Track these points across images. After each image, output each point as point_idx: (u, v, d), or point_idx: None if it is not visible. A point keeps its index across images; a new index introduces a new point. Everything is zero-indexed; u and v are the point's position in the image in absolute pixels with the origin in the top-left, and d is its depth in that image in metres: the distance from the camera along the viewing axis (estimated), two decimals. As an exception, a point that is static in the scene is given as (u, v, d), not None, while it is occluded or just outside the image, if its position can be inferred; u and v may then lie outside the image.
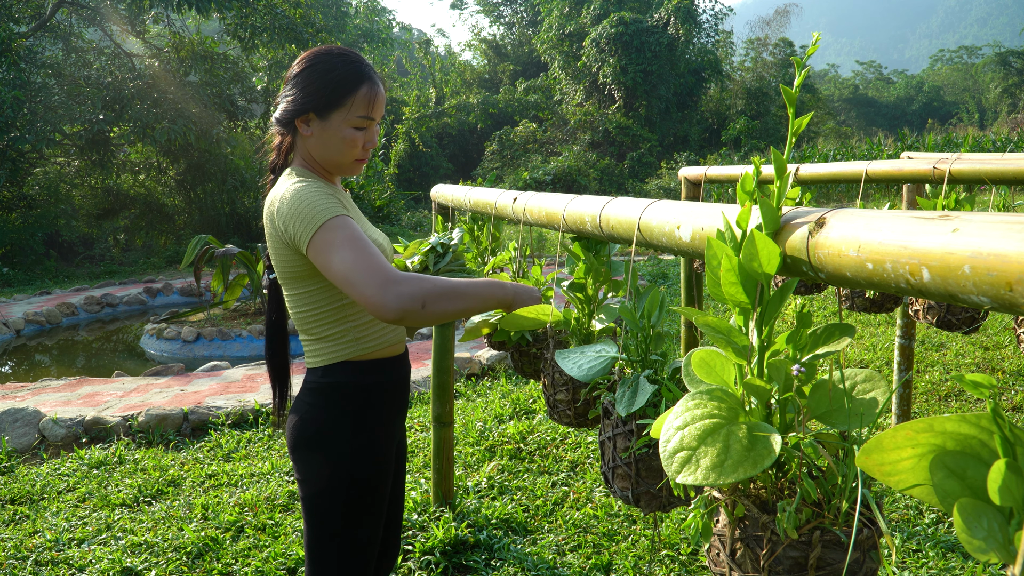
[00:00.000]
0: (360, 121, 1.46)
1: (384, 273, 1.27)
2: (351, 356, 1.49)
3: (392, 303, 1.25)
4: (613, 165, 20.88)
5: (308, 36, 12.80)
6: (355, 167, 1.52)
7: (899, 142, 16.03)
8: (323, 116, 1.45)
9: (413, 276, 1.29)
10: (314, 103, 1.44)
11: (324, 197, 1.38)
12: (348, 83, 1.44)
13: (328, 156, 1.48)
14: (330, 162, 1.49)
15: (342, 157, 1.48)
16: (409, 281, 1.27)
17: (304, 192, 1.38)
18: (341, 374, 1.49)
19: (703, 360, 0.89)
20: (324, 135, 1.46)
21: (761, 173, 0.91)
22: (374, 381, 1.52)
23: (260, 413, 4.23)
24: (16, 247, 12.00)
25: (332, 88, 1.43)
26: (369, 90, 1.46)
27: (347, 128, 1.45)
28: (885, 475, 0.63)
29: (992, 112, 34.63)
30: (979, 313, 2.16)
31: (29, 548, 2.78)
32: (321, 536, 1.49)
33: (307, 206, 1.35)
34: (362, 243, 1.31)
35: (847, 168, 2.68)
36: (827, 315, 6.25)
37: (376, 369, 1.53)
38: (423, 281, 1.29)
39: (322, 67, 1.44)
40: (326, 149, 1.47)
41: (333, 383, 1.49)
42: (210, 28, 18.56)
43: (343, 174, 1.55)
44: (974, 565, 2.45)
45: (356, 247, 1.30)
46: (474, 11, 33.10)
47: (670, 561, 2.55)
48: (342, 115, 1.44)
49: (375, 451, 1.52)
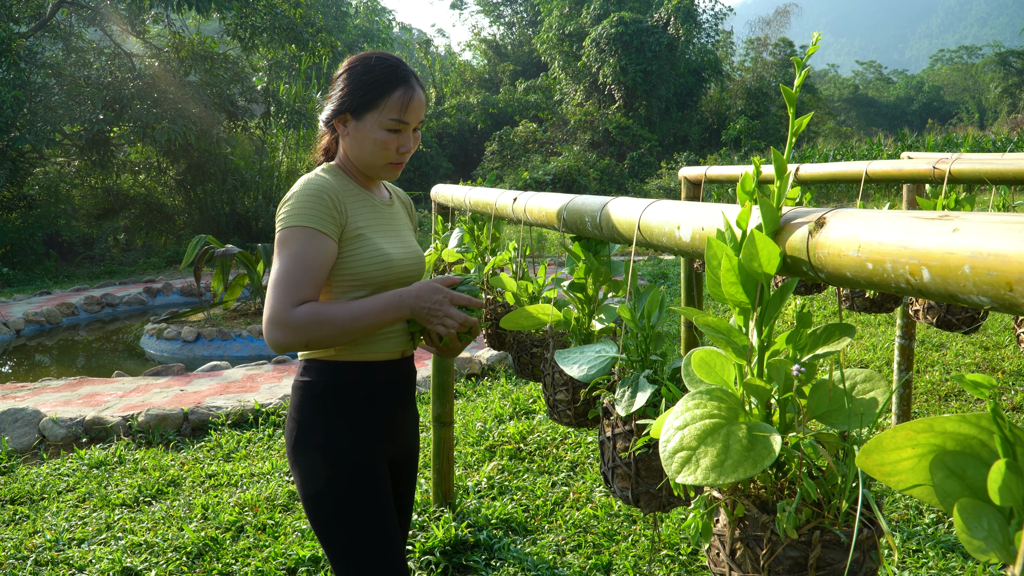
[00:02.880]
0: (392, 124, 1.47)
1: (281, 306, 1.33)
2: (328, 354, 1.50)
3: (274, 340, 1.34)
4: (613, 165, 20.87)
5: (308, 36, 12.80)
6: (389, 170, 1.53)
7: (899, 142, 16.03)
8: (358, 117, 1.48)
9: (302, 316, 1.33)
10: (349, 104, 1.48)
11: (313, 205, 1.41)
12: (382, 86, 1.46)
13: (361, 157, 1.51)
14: (363, 163, 1.52)
15: (374, 159, 1.50)
16: (293, 326, 1.33)
17: (304, 193, 1.43)
18: (316, 372, 1.50)
19: (703, 360, 0.89)
20: (358, 136, 1.49)
21: (761, 173, 0.91)
22: (348, 382, 1.50)
23: (260, 413, 4.22)
24: (16, 247, 12.00)
25: (366, 90, 1.46)
26: (404, 94, 1.47)
27: (379, 130, 1.47)
28: (885, 475, 0.63)
29: (992, 112, 34.62)
30: (979, 313, 2.16)
31: (29, 548, 2.78)
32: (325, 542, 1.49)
33: (294, 205, 1.42)
34: (297, 264, 1.36)
35: (847, 168, 2.68)
36: (827, 315, 6.25)
37: (354, 371, 1.50)
38: (309, 322, 1.34)
39: (360, 69, 1.49)
40: (360, 150, 1.50)
41: (309, 382, 1.50)
42: (210, 28, 18.56)
43: (378, 176, 1.56)
44: (974, 565, 2.45)
45: (289, 263, 1.37)
46: (474, 11, 33.12)
47: (670, 561, 2.55)
48: (375, 117, 1.47)
49: (354, 454, 1.49)
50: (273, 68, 14.31)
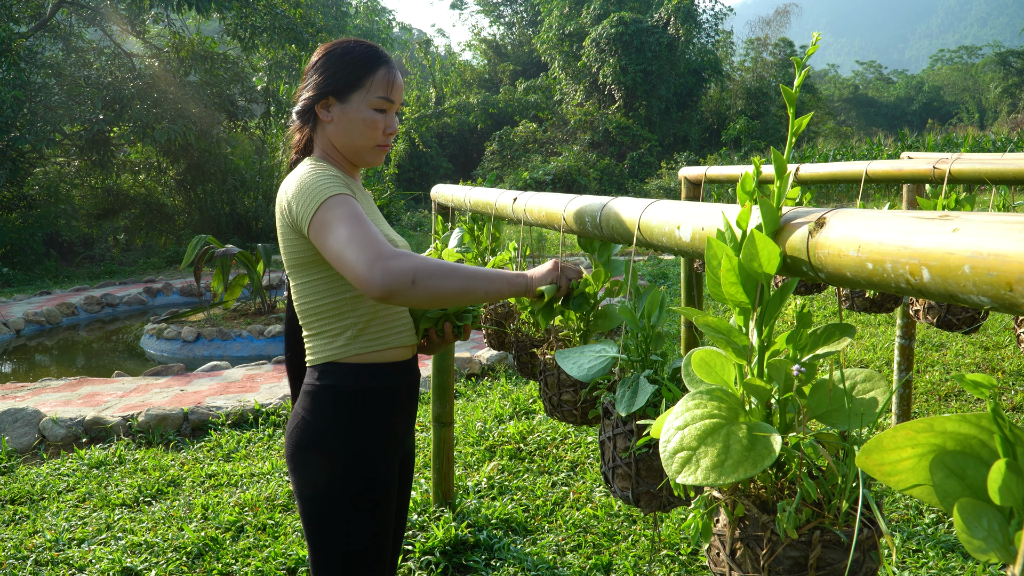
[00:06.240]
0: (380, 103, 1.45)
1: (375, 248, 1.23)
2: (348, 356, 1.44)
3: (379, 278, 1.21)
4: (613, 165, 20.87)
5: (308, 36, 12.79)
6: (376, 153, 1.50)
7: (899, 142, 16.03)
8: (343, 99, 1.45)
9: (408, 253, 1.26)
10: (333, 86, 1.44)
11: (330, 179, 1.36)
12: (367, 64, 1.45)
13: (349, 141, 1.47)
14: (351, 148, 1.48)
15: (364, 140, 1.47)
16: (400, 257, 1.23)
17: (311, 174, 1.38)
18: (337, 376, 1.44)
19: (703, 360, 0.89)
20: (344, 118, 1.45)
21: (761, 173, 0.91)
22: (371, 386, 1.45)
23: (260, 413, 4.23)
24: (16, 247, 12.00)
25: (351, 69, 1.44)
26: (387, 72, 1.46)
27: (367, 109, 1.45)
28: (885, 475, 0.63)
29: (992, 112, 34.62)
30: (979, 313, 2.15)
31: (29, 548, 2.78)
32: (320, 548, 1.45)
33: (311, 185, 1.35)
34: (359, 220, 1.28)
35: (847, 168, 2.68)
36: (827, 315, 6.25)
37: (375, 373, 1.46)
38: (416, 258, 1.25)
39: (340, 51, 1.46)
40: (347, 134, 1.46)
41: (328, 386, 1.43)
42: (210, 28, 18.54)
43: (365, 162, 1.52)
44: (974, 565, 2.45)
45: (353, 224, 1.27)
46: (474, 11, 33.10)
47: (670, 561, 2.55)
48: (362, 96, 1.44)
49: (372, 461, 1.45)
50: (273, 68, 14.29)
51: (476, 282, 1.31)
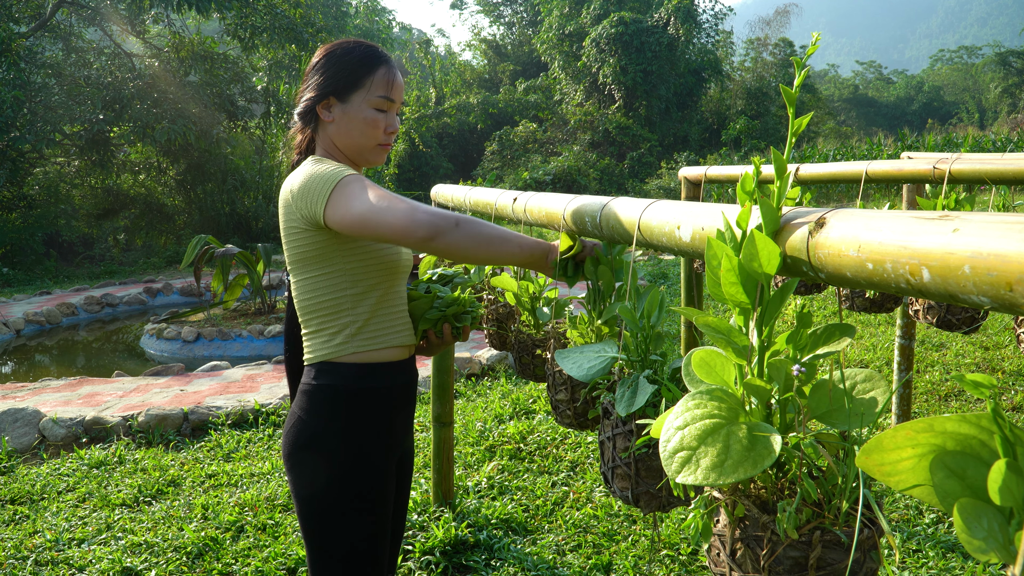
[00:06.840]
0: (381, 102, 1.47)
1: (411, 201, 1.29)
2: (346, 355, 1.43)
3: (424, 219, 1.25)
4: (613, 165, 20.87)
5: (308, 36, 12.80)
6: (378, 152, 1.51)
7: (899, 142, 16.02)
8: (344, 98, 1.46)
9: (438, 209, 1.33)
10: (334, 86, 1.46)
11: (338, 165, 1.39)
12: (367, 63, 1.46)
13: (351, 141, 1.49)
14: (353, 147, 1.49)
15: (365, 139, 1.48)
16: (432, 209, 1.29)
17: (319, 165, 1.40)
18: (334, 376, 1.43)
19: (703, 360, 0.89)
20: (345, 118, 1.47)
21: (761, 173, 0.91)
22: (368, 386, 1.45)
23: (260, 413, 4.23)
24: (16, 247, 12.00)
25: (351, 69, 1.46)
26: (388, 71, 1.48)
27: (368, 109, 1.46)
28: (885, 475, 0.63)
29: (992, 112, 34.61)
30: (979, 313, 2.16)
31: (29, 548, 2.78)
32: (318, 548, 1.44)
33: (322, 172, 1.37)
34: (383, 189, 1.33)
35: (847, 168, 2.68)
36: (827, 315, 6.25)
37: (372, 373, 1.46)
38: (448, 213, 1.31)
39: (340, 52, 1.48)
40: (349, 134, 1.48)
41: (325, 385, 1.43)
42: (210, 28, 18.54)
43: (366, 161, 1.53)
44: (974, 565, 2.45)
45: (378, 188, 1.33)
46: (474, 11, 33.08)
47: (670, 561, 2.55)
48: (362, 95, 1.46)
49: (370, 461, 1.45)
50: (273, 68, 14.30)
51: (510, 235, 1.37)
